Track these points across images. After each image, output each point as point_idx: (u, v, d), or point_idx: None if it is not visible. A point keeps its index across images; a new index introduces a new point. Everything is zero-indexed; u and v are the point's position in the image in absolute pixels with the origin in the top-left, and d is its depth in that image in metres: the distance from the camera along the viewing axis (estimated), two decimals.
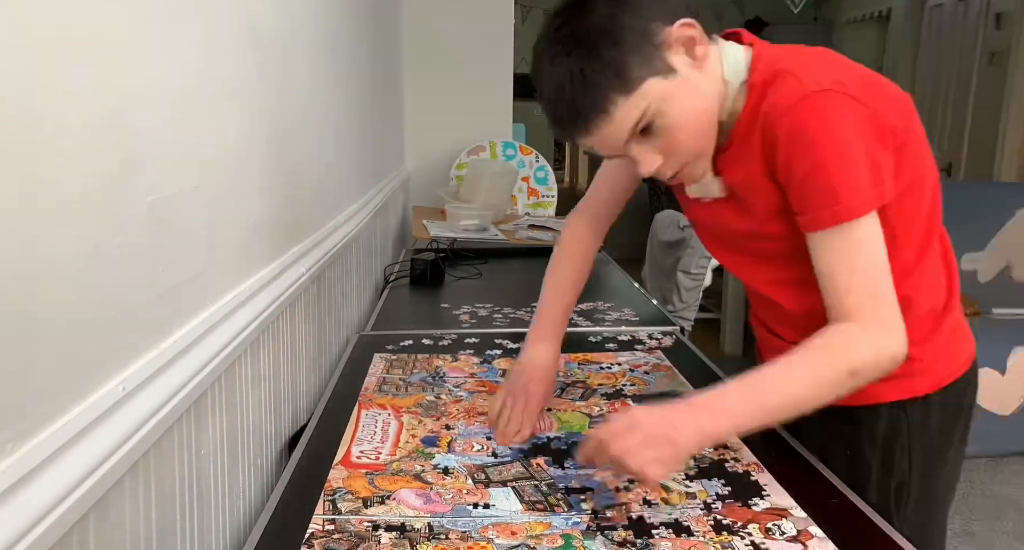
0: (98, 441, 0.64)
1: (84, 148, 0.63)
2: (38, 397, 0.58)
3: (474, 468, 0.99)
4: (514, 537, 0.83)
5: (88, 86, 0.64)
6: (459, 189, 2.99)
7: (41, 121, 0.57)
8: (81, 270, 0.63)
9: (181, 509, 0.82)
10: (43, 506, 0.56)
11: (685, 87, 0.91)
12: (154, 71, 0.76)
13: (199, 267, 0.87)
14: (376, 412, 1.17)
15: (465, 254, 2.27)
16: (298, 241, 1.32)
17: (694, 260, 3.04)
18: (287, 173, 1.25)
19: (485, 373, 1.34)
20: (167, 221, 0.79)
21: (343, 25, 1.77)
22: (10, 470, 0.54)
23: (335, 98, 1.67)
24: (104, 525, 0.65)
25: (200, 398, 0.85)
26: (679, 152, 0.94)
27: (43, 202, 0.57)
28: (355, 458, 1.02)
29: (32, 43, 0.56)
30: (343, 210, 1.73)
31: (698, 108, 0.93)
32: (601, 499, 0.91)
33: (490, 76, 3.26)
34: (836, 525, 0.86)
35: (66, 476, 0.59)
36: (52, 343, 0.59)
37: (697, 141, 0.94)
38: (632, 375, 1.33)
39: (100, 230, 0.66)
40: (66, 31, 0.60)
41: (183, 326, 0.83)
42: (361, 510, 0.89)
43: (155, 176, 0.76)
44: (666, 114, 0.90)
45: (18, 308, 0.55)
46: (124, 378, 0.70)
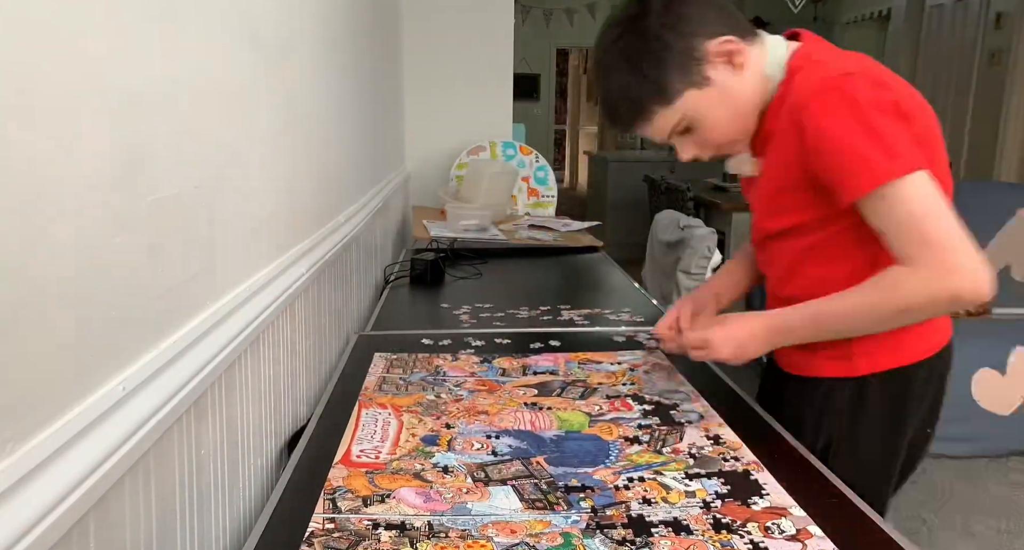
0: (98, 441, 0.64)
1: (84, 148, 0.63)
2: (38, 397, 0.58)
3: (474, 467, 0.99)
4: (513, 535, 0.83)
5: (88, 86, 0.64)
6: (459, 189, 2.99)
7: (41, 120, 0.57)
8: (81, 270, 0.63)
9: (181, 509, 0.82)
10: (43, 506, 0.56)
11: (720, 94, 1.04)
12: (154, 71, 0.76)
13: (199, 267, 0.87)
14: (376, 411, 1.17)
15: (465, 254, 2.27)
16: (298, 241, 1.32)
17: (694, 260, 3.03)
18: (287, 173, 1.25)
19: (485, 372, 1.34)
20: (167, 221, 0.79)
21: (343, 25, 1.77)
22: (10, 470, 0.54)
23: (335, 98, 1.67)
24: (104, 525, 0.65)
25: (200, 398, 0.85)
26: (713, 145, 1.10)
27: (43, 202, 0.58)
28: (355, 457, 1.02)
29: (32, 43, 0.56)
30: (343, 210, 1.73)
31: (732, 109, 1.06)
32: (602, 497, 0.91)
33: (490, 76, 3.26)
34: (835, 524, 0.86)
35: (66, 476, 0.59)
36: (52, 343, 0.60)
37: (730, 134, 1.09)
38: (632, 374, 1.33)
39: (100, 230, 0.66)
40: (66, 30, 0.61)
41: (183, 326, 0.84)
42: (361, 509, 0.89)
43: (155, 176, 0.76)
44: (701, 119, 1.06)
45: (18, 308, 0.55)
46: (124, 378, 0.70)
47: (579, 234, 2.70)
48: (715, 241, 3.02)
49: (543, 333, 1.57)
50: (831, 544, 0.82)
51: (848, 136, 0.94)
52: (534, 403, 1.20)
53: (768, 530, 0.84)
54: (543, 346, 1.48)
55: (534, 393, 1.24)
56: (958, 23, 4.65)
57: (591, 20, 6.80)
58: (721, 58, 1.03)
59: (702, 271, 3.05)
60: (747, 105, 1.06)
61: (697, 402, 1.20)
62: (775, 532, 0.84)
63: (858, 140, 0.94)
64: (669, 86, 1.03)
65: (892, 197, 0.94)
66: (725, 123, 1.07)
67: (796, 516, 0.87)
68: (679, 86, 1.03)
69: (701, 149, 1.10)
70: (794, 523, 0.86)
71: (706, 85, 1.03)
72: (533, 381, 1.30)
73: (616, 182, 6.36)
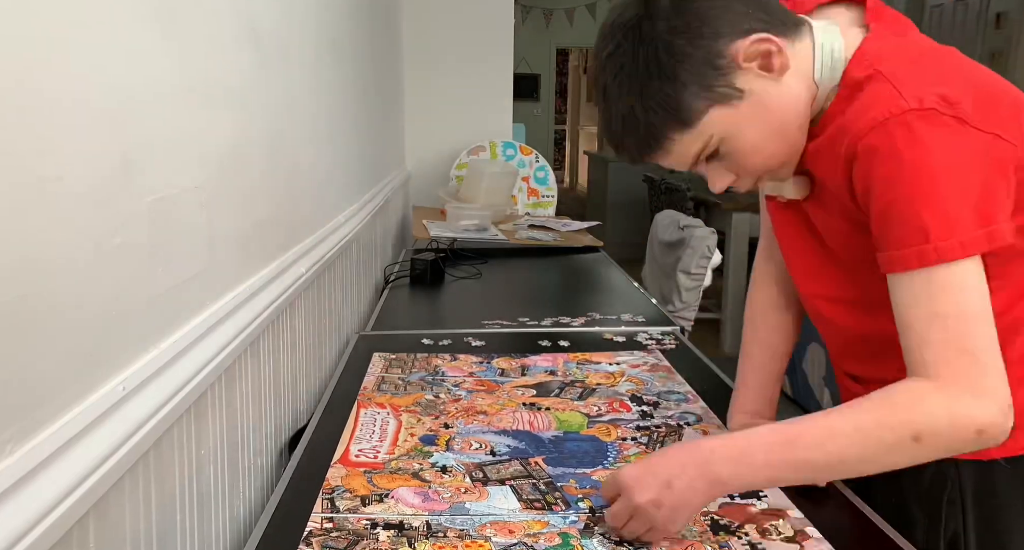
0: (98, 441, 0.64)
1: (84, 147, 0.63)
2: (38, 397, 0.58)
3: (472, 466, 0.99)
4: (512, 535, 0.84)
5: (88, 85, 0.64)
6: (459, 189, 2.99)
7: (41, 120, 0.57)
8: (81, 270, 0.63)
9: (181, 510, 0.82)
10: (43, 506, 0.56)
11: (755, 108, 0.81)
12: (154, 70, 0.76)
13: (199, 267, 0.87)
14: (375, 411, 1.17)
15: (465, 254, 2.27)
16: (298, 241, 1.32)
17: (694, 260, 3.04)
18: (287, 173, 1.25)
19: (484, 372, 1.34)
20: (167, 221, 0.79)
21: (343, 24, 1.77)
22: (10, 470, 0.54)
23: (335, 98, 1.67)
24: (104, 525, 0.65)
25: (200, 398, 0.85)
26: (753, 170, 0.86)
27: (43, 202, 0.58)
28: (354, 457, 1.02)
29: (32, 42, 0.56)
30: (343, 210, 1.74)
31: (772, 126, 0.83)
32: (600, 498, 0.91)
33: (490, 76, 3.26)
34: (833, 526, 0.86)
35: (66, 476, 0.59)
36: (52, 343, 0.60)
37: (772, 159, 0.85)
38: (631, 375, 1.33)
39: (100, 230, 0.66)
40: (66, 30, 0.61)
41: (183, 326, 0.84)
42: (359, 508, 0.89)
43: (155, 176, 0.76)
44: (732, 141, 0.82)
45: (17, 308, 0.55)
46: (124, 378, 0.70)
47: (579, 234, 2.71)
48: (715, 241, 3.03)
49: (542, 333, 1.57)
50: (829, 546, 0.82)
51: (906, 193, 0.74)
52: (533, 403, 1.20)
53: (766, 532, 0.85)
54: (543, 346, 1.48)
55: (532, 393, 1.25)
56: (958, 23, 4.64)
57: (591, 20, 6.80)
58: (753, 62, 0.80)
59: (702, 271, 3.05)
60: (792, 117, 0.83)
61: (696, 403, 1.21)
62: (773, 534, 0.84)
63: (918, 201, 0.73)
64: (687, 106, 0.80)
65: (936, 280, 0.74)
66: (765, 144, 0.83)
67: (794, 518, 0.87)
68: (700, 104, 0.80)
69: (739, 177, 0.86)
70: (792, 525, 0.86)
71: (736, 99, 0.80)
72: (532, 381, 1.30)
73: (616, 182, 6.35)
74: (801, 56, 0.82)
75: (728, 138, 0.82)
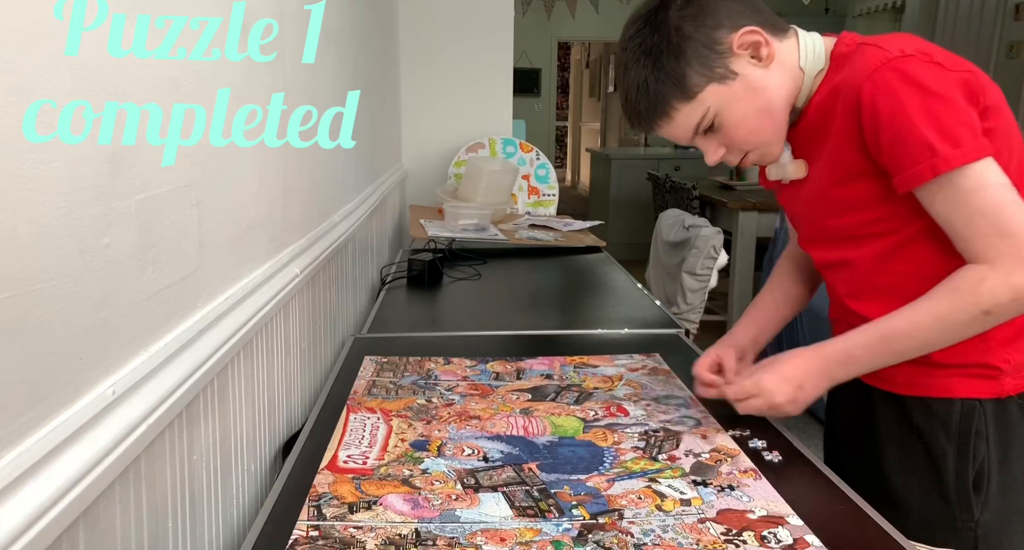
0: (87, 446, 0.63)
1: (70, 145, 0.62)
2: (25, 401, 0.57)
3: (464, 473, 0.99)
4: (503, 543, 0.83)
5: (75, 82, 0.63)
6: (457, 187, 2.98)
7: (27, 118, 0.56)
8: (68, 271, 0.62)
9: (173, 516, 0.81)
10: (31, 513, 0.55)
11: (746, 88, 1.00)
12: (144, 67, 0.75)
13: (190, 268, 0.87)
14: (365, 416, 1.16)
15: (464, 254, 2.26)
16: (292, 241, 1.31)
17: (699, 261, 3.02)
18: (281, 171, 1.24)
19: (478, 376, 1.33)
20: (157, 220, 0.78)
21: (338, 19, 1.76)
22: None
23: (329, 93, 1.66)
24: (94, 532, 0.65)
25: (192, 402, 0.85)
26: (741, 144, 1.04)
27: (29, 201, 0.57)
28: (342, 463, 1.01)
29: (20, 39, 0.55)
30: (338, 209, 1.73)
31: (759, 105, 1.01)
32: (595, 504, 0.91)
33: (489, 71, 3.23)
34: (834, 533, 0.85)
35: (55, 482, 0.58)
36: (39, 346, 0.59)
37: (759, 134, 1.03)
38: (629, 378, 1.32)
39: (87, 230, 0.65)
40: (54, 26, 0.60)
41: (174, 328, 0.83)
42: (347, 516, 0.88)
43: (144, 174, 0.75)
44: (725, 115, 1.01)
45: (4, 310, 0.54)
46: (114, 381, 0.69)
47: (581, 234, 2.69)
48: (721, 241, 3.01)
49: (541, 335, 1.56)
50: None
51: (909, 118, 0.89)
52: (527, 408, 1.19)
53: (764, 539, 0.84)
54: (541, 349, 1.47)
55: (527, 398, 1.24)
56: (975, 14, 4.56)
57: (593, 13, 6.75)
58: (745, 50, 0.99)
59: (707, 272, 3.03)
60: (776, 100, 1.01)
61: (695, 408, 1.20)
62: (771, 541, 0.83)
63: (920, 123, 0.89)
64: (689, 80, 0.99)
65: (960, 185, 0.89)
66: (751, 119, 1.01)
67: (793, 525, 0.87)
68: (700, 80, 0.99)
69: (728, 150, 1.05)
70: (791, 532, 0.85)
71: (729, 79, 0.99)
72: (527, 385, 1.29)
73: (619, 180, 6.34)
74: (787, 52, 1.02)
75: (722, 112, 1.01)
